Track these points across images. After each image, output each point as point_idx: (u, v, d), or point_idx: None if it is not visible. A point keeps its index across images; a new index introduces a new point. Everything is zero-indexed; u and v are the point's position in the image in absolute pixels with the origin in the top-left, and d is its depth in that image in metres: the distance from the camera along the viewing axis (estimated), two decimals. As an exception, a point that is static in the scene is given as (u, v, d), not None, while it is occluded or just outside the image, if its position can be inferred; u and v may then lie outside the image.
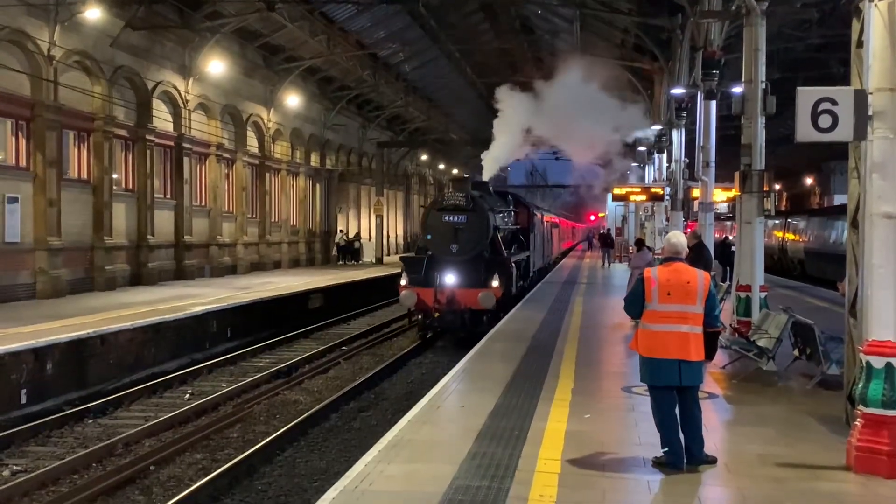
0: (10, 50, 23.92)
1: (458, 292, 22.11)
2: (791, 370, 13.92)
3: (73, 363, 17.03)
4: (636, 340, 8.79)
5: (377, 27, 45.62)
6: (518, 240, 29.26)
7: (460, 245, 22.61)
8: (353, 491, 7.89)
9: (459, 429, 10.16)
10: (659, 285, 8.49)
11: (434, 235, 23.04)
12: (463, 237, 22.66)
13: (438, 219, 23.09)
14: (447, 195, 23.96)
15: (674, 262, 8.75)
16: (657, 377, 8.58)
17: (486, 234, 23.04)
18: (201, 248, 35.40)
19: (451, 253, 22.65)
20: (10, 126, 24.59)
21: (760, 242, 15.85)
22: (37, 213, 25.14)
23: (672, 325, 8.45)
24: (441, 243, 22.86)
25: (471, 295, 21.97)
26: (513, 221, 29.21)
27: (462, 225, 22.73)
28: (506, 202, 28.91)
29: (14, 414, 15.14)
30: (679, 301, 8.44)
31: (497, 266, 22.92)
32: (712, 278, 9.70)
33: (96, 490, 11.16)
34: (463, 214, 22.75)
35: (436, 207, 23.78)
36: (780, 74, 29.65)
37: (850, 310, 10.17)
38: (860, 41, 9.51)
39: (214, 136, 36.20)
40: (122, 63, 28.98)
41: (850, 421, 9.22)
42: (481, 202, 23.52)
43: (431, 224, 23.29)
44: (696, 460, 8.55)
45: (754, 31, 15.30)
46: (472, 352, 16.13)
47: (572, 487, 7.98)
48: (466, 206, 22.84)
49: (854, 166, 9.92)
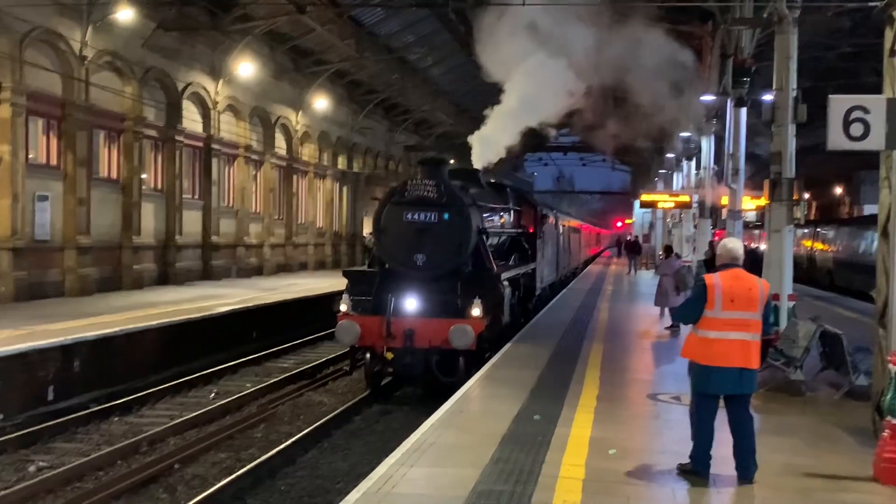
0: (43, 50, 24.13)
1: (421, 324, 15.30)
2: (818, 380, 13.84)
3: (99, 361, 17.13)
4: (690, 348, 8.59)
5: (405, 31, 45.72)
6: (520, 248, 22.66)
7: (428, 255, 15.83)
8: (376, 493, 7.89)
9: (483, 433, 10.13)
10: (722, 292, 8.30)
11: (391, 240, 16.30)
12: (432, 244, 15.84)
13: (397, 216, 16.11)
14: (411, 183, 16.52)
15: (733, 268, 8.57)
16: (714, 385, 8.42)
17: (467, 240, 16.07)
18: (228, 249, 35.56)
19: (416, 266, 15.92)
20: (41, 125, 24.79)
21: (789, 251, 15.74)
22: (66, 211, 25.33)
23: (735, 333, 8.29)
24: (400, 252, 16.12)
25: (439, 328, 15.07)
26: (514, 223, 22.61)
27: (431, 226, 15.87)
28: (503, 198, 21.82)
29: (41, 410, 15.26)
30: (742, 308, 8.30)
31: (480, 286, 16.04)
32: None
33: (121, 487, 11.21)
34: (432, 211, 15.93)
35: (394, 200, 16.38)
36: (810, 83, 29.45)
37: (879, 320, 10.12)
38: (893, 49, 9.48)
39: (243, 138, 36.38)
40: (153, 64, 29.17)
41: (878, 432, 9.16)
42: (460, 195, 16.41)
43: (388, 224, 16.31)
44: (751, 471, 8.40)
45: (786, 38, 15.22)
46: (496, 357, 16.11)
47: (596, 493, 7.95)
48: (437, 199, 15.94)
49: (885, 176, 9.88)
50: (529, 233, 23.78)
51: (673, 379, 14.29)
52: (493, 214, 19.91)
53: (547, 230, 26.84)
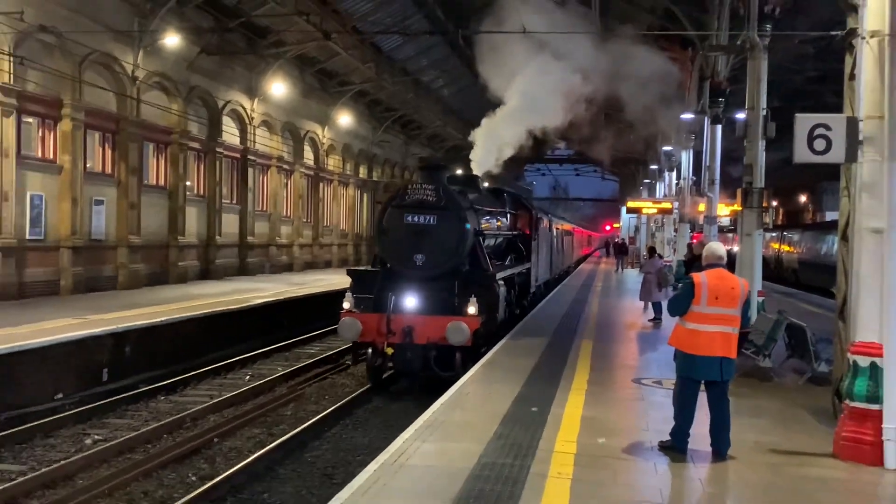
0: (100, 71, 24.20)
1: (419, 321, 14.60)
2: (784, 367, 13.81)
3: (147, 346, 17.17)
4: (677, 337, 8.60)
5: (420, 56, 45.83)
6: (516, 249, 21.83)
7: (427, 256, 15.09)
8: (392, 465, 7.91)
9: (486, 412, 10.14)
10: (708, 289, 8.34)
11: (392, 241, 15.53)
12: (430, 245, 15.11)
13: (398, 219, 15.33)
14: (411, 188, 15.74)
15: (717, 268, 8.61)
16: (698, 371, 8.45)
17: (463, 240, 15.31)
18: (262, 248, 35.63)
19: (415, 266, 15.15)
20: (98, 137, 24.87)
21: (759, 252, 15.73)
22: (119, 214, 25.41)
23: (718, 326, 8.34)
24: (401, 252, 15.34)
25: (436, 325, 14.38)
26: (510, 226, 21.66)
27: (429, 228, 15.12)
28: (500, 202, 21.01)
29: (97, 390, 15.31)
30: (725, 304, 8.34)
31: (476, 285, 15.31)
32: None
33: (167, 458, 11.24)
34: (431, 214, 15.13)
35: (395, 203, 15.59)
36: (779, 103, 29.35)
37: (839, 314, 10.11)
38: (852, 74, 9.47)
39: (275, 150, 36.41)
40: (197, 84, 29.23)
41: (837, 414, 9.17)
42: (458, 199, 15.66)
43: (389, 226, 15.52)
44: (725, 448, 8.44)
45: (757, 63, 15.21)
46: (497, 345, 16.08)
47: (586, 467, 7.96)
48: (436, 202, 15.19)
49: (845, 186, 9.86)
50: (525, 235, 22.59)
51: (655, 365, 14.29)
52: (490, 217, 18.90)
53: (542, 232, 25.53)
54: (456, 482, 7.39)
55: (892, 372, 8.22)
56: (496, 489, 7.22)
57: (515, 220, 22.36)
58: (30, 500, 9.67)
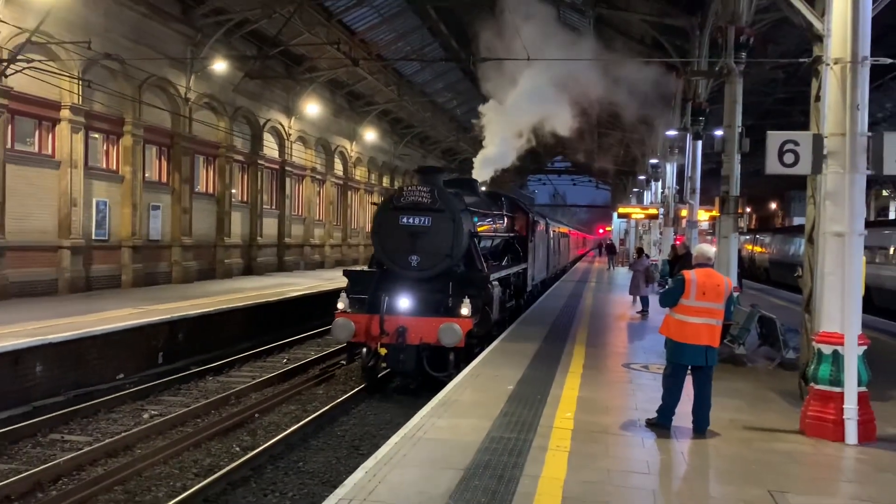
0: (157, 93, 24.31)
1: (412, 322, 13.17)
2: (757, 354, 13.78)
3: (198, 333, 17.25)
4: (667, 327, 8.56)
5: (436, 80, 45.86)
6: (513, 249, 20.42)
7: (421, 256, 13.77)
8: (412, 437, 7.92)
9: (493, 393, 10.13)
10: (697, 285, 8.33)
11: (387, 243, 14.06)
12: (425, 246, 13.77)
13: (393, 220, 13.93)
14: (406, 189, 14.26)
15: (705, 267, 8.61)
16: (686, 357, 8.43)
17: (458, 242, 13.83)
18: (297, 248, 35.71)
19: (410, 267, 13.80)
20: (155, 151, 24.99)
21: (735, 253, 15.67)
22: (174, 218, 25.53)
23: (704, 318, 8.33)
24: (396, 253, 13.92)
25: (429, 326, 12.99)
26: (507, 228, 20.07)
27: (424, 229, 13.76)
28: (498, 205, 19.43)
29: (153, 371, 15.41)
30: (711, 299, 8.33)
31: (471, 286, 13.87)
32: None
33: (214, 431, 11.30)
34: (425, 215, 13.77)
35: (391, 205, 14.15)
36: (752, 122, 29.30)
37: (805, 307, 10.09)
38: (818, 96, 9.45)
39: (310, 162, 36.48)
40: (241, 104, 29.34)
41: (803, 395, 9.16)
42: (452, 201, 14.15)
43: (384, 227, 14.12)
44: (705, 425, 8.43)
45: (733, 87, 15.16)
46: (504, 333, 16.07)
47: (582, 441, 7.95)
48: (431, 204, 13.79)
49: (811, 194, 9.85)
50: (522, 236, 21.10)
51: (643, 352, 14.26)
52: (487, 219, 17.35)
53: (538, 234, 23.85)
54: (467, 453, 7.40)
55: (852, 359, 8.24)
56: (502, 460, 7.22)
57: (513, 222, 20.93)
58: (95, 468, 9.73)
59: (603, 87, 23.60)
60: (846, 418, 8.19)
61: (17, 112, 19.05)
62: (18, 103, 18.85)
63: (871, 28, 8.40)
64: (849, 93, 8.34)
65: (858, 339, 8.30)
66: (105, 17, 21.09)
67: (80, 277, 21.09)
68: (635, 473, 7.07)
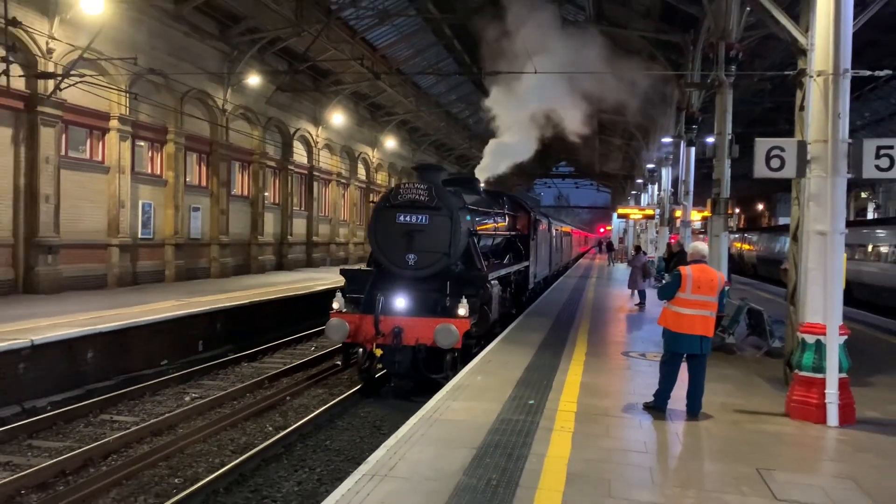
0: (196, 104, 24.41)
1: (408, 323, 11.78)
2: (745, 343, 13.70)
3: (234, 323, 17.32)
4: (665, 318, 8.50)
5: (450, 92, 45.87)
6: (515, 248, 18.96)
7: (418, 255, 12.42)
8: (429, 419, 7.93)
9: (503, 378, 10.13)
10: (692, 280, 8.29)
11: (384, 241, 12.67)
12: (422, 245, 12.43)
13: (390, 219, 12.61)
14: (403, 187, 12.90)
15: (700, 263, 8.58)
16: (682, 346, 8.38)
17: (457, 241, 12.49)
18: (324, 245, 35.78)
19: (407, 266, 12.45)
20: (195, 158, 25.10)
21: (725, 250, 15.58)
22: (212, 218, 25.63)
23: (699, 310, 8.29)
24: (393, 252, 12.55)
25: (426, 327, 11.65)
26: (509, 226, 18.61)
27: (420, 227, 12.45)
28: (498, 204, 17.99)
29: (193, 357, 15.48)
30: (706, 293, 8.30)
31: (469, 286, 12.48)
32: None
33: (249, 412, 11.35)
34: (422, 214, 12.47)
35: (387, 203, 12.80)
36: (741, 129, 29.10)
37: (789, 300, 10.04)
38: (802, 105, 9.42)
39: (335, 168, 36.54)
40: (273, 115, 29.41)
41: (788, 381, 9.13)
42: (450, 199, 12.76)
43: (381, 226, 12.74)
44: (698, 409, 8.39)
45: (724, 97, 15.07)
46: (513, 324, 16.05)
47: (585, 422, 7.93)
48: (427, 202, 12.49)
49: (795, 196, 9.80)
50: (524, 235, 19.59)
51: (640, 341, 14.21)
52: (488, 218, 15.85)
53: (540, 233, 22.21)
54: (479, 433, 7.40)
55: (833, 347, 8.21)
56: (512, 440, 7.22)
57: (514, 221, 19.40)
58: (142, 445, 9.79)
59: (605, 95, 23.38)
60: (828, 402, 8.15)
61: (71, 122, 19.19)
62: (72, 114, 18.98)
63: (852, 43, 8.35)
64: (831, 103, 8.29)
65: (839, 329, 8.26)
66: (150, 35, 21.19)
67: (128, 272, 21.22)
68: (633, 452, 7.05)
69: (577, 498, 5.75)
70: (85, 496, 7.88)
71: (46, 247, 18.09)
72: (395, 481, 6.02)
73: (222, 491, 8.24)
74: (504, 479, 6.11)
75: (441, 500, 5.63)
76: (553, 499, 5.72)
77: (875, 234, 27.48)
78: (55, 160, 18.27)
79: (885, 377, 11.13)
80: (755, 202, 78.08)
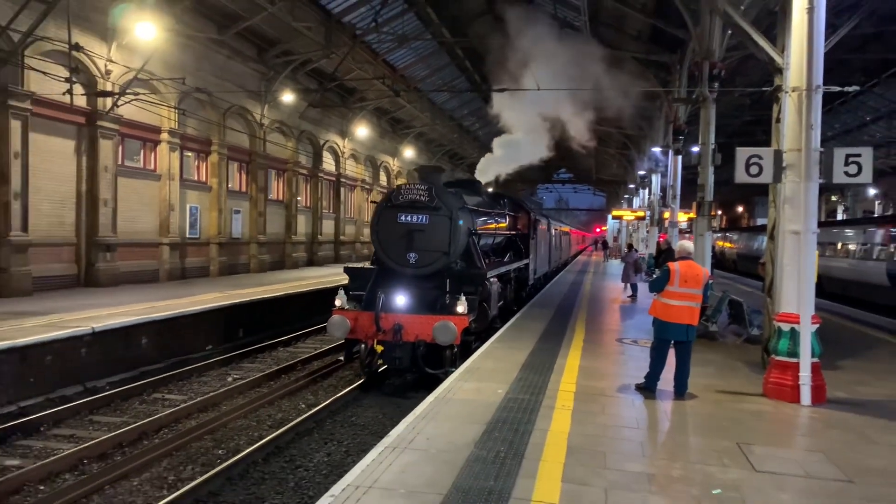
0: (237, 119, 24.51)
1: (408, 320, 10.95)
2: (727, 331, 13.64)
3: (271, 313, 17.39)
4: (655, 309, 8.46)
5: (463, 107, 45.86)
6: (515, 246, 18.00)
7: (419, 254, 11.66)
8: (443, 398, 7.94)
9: (510, 362, 10.13)
10: (680, 274, 8.26)
11: (387, 240, 11.90)
12: (422, 244, 11.67)
13: (392, 219, 11.85)
14: (404, 188, 12.09)
15: (687, 260, 8.56)
16: (670, 334, 8.35)
17: (456, 240, 11.72)
18: (350, 244, 35.84)
19: (408, 264, 11.70)
20: (236, 166, 25.19)
21: (708, 248, 15.49)
22: (251, 220, 25.73)
23: (686, 302, 8.27)
24: (395, 251, 11.77)
25: (425, 323, 10.84)
26: (510, 226, 17.70)
27: (421, 227, 11.69)
28: (500, 205, 17.20)
29: (235, 343, 15.55)
30: (692, 286, 8.27)
31: (468, 284, 11.65)
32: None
33: (284, 391, 11.41)
34: (423, 214, 11.71)
35: (389, 203, 12.00)
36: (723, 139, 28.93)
37: (767, 292, 9.98)
38: (778, 118, 9.35)
39: (360, 175, 36.58)
40: (305, 128, 29.48)
41: (765, 365, 9.07)
42: (450, 199, 11.94)
43: (383, 225, 11.98)
44: (684, 389, 8.37)
45: (707, 111, 14.97)
46: (518, 314, 16.02)
47: (583, 401, 7.92)
48: (428, 202, 11.72)
49: (772, 199, 9.73)
50: (524, 234, 18.67)
51: (633, 329, 14.17)
52: (489, 218, 14.98)
53: (540, 232, 21.22)
54: (489, 411, 7.41)
55: (806, 335, 8.17)
56: (518, 416, 7.22)
57: (515, 221, 18.55)
58: (190, 420, 9.86)
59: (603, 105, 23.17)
60: (801, 384, 8.11)
61: (127, 135, 19.32)
62: (127, 128, 19.11)
63: (823, 61, 8.29)
64: (804, 115, 8.24)
65: (812, 318, 8.22)
66: (196, 58, 21.30)
67: (177, 268, 21.36)
68: (626, 428, 7.04)
69: (576, 468, 5.74)
70: (140, 465, 7.95)
71: (105, 245, 18.24)
72: (413, 453, 6.04)
73: (261, 461, 8.28)
74: (511, 452, 6.11)
75: (455, 469, 5.65)
76: (555, 469, 5.72)
77: (844, 233, 27.33)
78: (113, 169, 18.41)
79: (853, 361, 11.05)
80: (736, 205, 77.56)
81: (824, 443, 6.77)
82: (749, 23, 10.18)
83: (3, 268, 15.44)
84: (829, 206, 54.09)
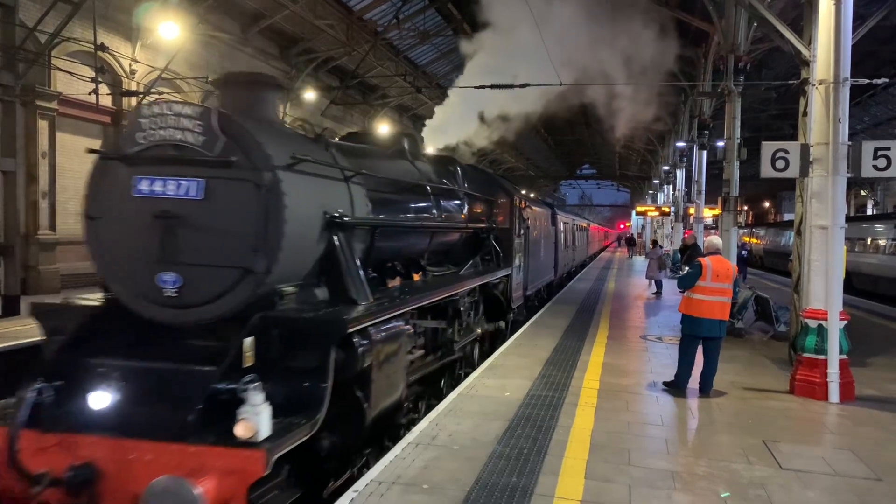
0: (260, 117, 24.69)
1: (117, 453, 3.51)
2: (753, 327, 13.50)
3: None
4: (687, 305, 8.34)
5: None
6: (481, 249, 10.79)
7: (186, 274, 4.34)
8: (467, 394, 7.98)
9: (533, 358, 10.13)
10: (712, 270, 8.19)
11: (109, 241, 4.69)
12: (193, 248, 4.33)
13: (121, 190, 4.48)
14: (146, 111, 4.49)
15: (717, 255, 8.49)
16: (702, 330, 8.23)
17: (277, 235, 4.43)
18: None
19: (161, 298, 4.43)
20: (258, 164, 25.39)
21: (734, 244, 15.36)
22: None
23: (718, 297, 8.18)
24: (129, 266, 4.55)
25: (145, 468, 3.36)
26: (471, 216, 10.49)
27: (188, 209, 4.29)
28: (447, 173, 10.39)
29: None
30: (722, 281, 8.19)
31: (302, 345, 4.11)
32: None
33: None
34: (191, 179, 4.25)
35: (113, 155, 4.45)
36: (749, 134, 28.66)
37: (794, 288, 9.91)
38: (805, 112, 9.28)
39: (382, 172, 36.70)
40: (327, 125, 29.63)
41: (792, 362, 9.00)
42: (265, 143, 4.48)
43: (104, 206, 4.62)
44: (710, 386, 8.31)
45: (733, 105, 14.83)
46: (543, 309, 16.00)
47: (606, 398, 7.92)
48: (204, 147, 4.27)
49: (799, 194, 9.67)
50: (503, 229, 11.78)
51: (657, 326, 14.09)
52: (413, 196, 8.14)
53: (531, 225, 14.26)
54: (512, 408, 7.42)
55: (834, 331, 8.11)
56: (541, 413, 7.23)
57: (488, 207, 11.64)
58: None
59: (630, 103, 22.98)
60: (829, 381, 8.04)
61: (152, 134, 19.54)
62: (152, 127, 19.33)
63: (851, 53, 8.19)
64: (832, 109, 8.15)
65: (840, 315, 8.15)
66: (220, 57, 21.51)
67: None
68: (651, 425, 7.02)
69: (599, 465, 5.75)
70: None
71: (131, 243, 18.48)
72: (437, 449, 6.08)
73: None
74: (534, 448, 6.13)
75: (478, 466, 5.68)
76: (578, 466, 5.73)
77: (874, 228, 26.99)
78: (138, 168, 18.64)
79: (882, 358, 10.91)
80: (762, 200, 76.65)
81: (852, 440, 6.70)
82: (775, 15, 10.08)
83: (31, 266, 15.75)
84: (858, 200, 53.31)
